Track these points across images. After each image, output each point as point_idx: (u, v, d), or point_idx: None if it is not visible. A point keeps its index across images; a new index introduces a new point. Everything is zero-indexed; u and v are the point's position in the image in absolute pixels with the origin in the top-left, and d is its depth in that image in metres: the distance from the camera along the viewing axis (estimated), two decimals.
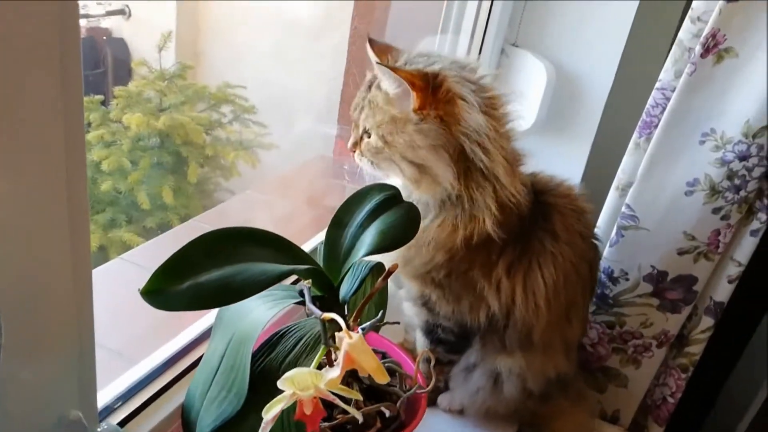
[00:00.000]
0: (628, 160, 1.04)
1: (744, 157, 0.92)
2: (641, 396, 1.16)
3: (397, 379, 0.66)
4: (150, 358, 0.71)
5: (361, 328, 0.53)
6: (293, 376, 0.44)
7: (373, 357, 0.46)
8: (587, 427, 1.05)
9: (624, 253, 1.05)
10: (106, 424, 0.60)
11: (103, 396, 0.63)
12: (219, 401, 0.54)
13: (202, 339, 0.76)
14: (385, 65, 0.70)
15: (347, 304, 0.61)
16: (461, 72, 0.73)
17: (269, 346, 0.57)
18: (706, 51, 0.89)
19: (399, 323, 0.71)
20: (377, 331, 0.74)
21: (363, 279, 0.62)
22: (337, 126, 1.74)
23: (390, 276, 0.54)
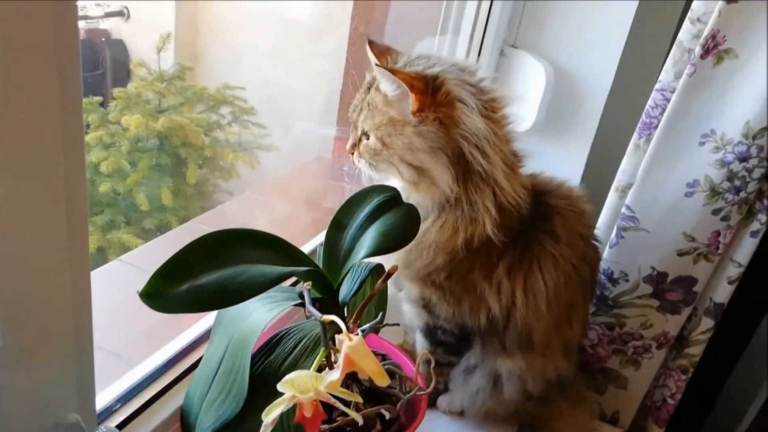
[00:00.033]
0: (627, 161, 1.04)
1: (744, 159, 0.92)
2: (641, 397, 1.16)
3: (397, 380, 0.66)
4: (149, 360, 0.71)
5: (360, 330, 0.53)
6: (293, 378, 0.44)
7: (374, 360, 0.45)
8: (587, 429, 1.05)
9: (624, 254, 1.05)
10: (104, 427, 0.60)
11: (101, 398, 0.63)
12: (218, 403, 0.54)
13: (201, 341, 0.76)
14: (384, 67, 0.70)
15: (347, 305, 0.61)
16: (461, 74, 0.73)
17: (269, 348, 0.57)
18: (706, 52, 0.89)
19: (399, 325, 0.70)
20: (377, 333, 0.74)
21: (363, 281, 0.62)
22: (336, 127, 1.74)
23: (390, 278, 0.53)
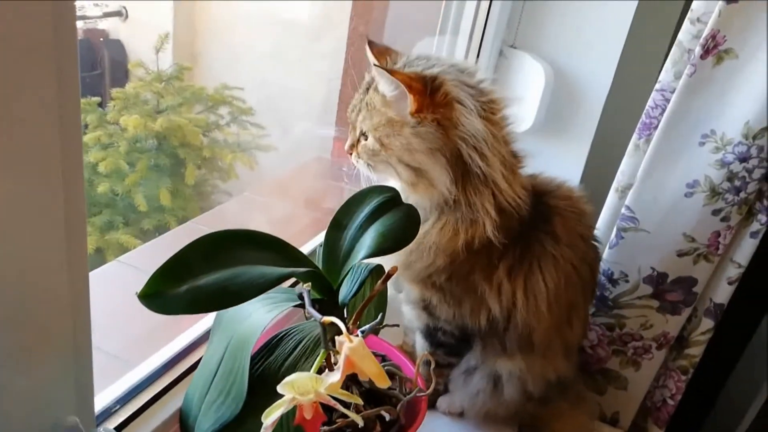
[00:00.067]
0: (627, 162, 1.03)
1: (744, 159, 0.92)
2: (641, 398, 1.16)
3: (397, 382, 0.65)
4: (148, 361, 0.71)
5: (360, 331, 0.53)
6: (293, 380, 0.44)
7: (374, 361, 0.45)
8: (587, 429, 1.05)
9: (624, 254, 1.04)
10: (103, 429, 0.60)
11: (100, 400, 0.62)
12: (217, 405, 0.54)
13: (200, 342, 0.76)
14: (383, 67, 0.69)
15: (347, 306, 0.61)
16: (460, 75, 0.72)
17: (268, 349, 0.57)
18: (706, 52, 0.89)
19: (398, 326, 0.70)
20: (377, 334, 0.74)
21: (362, 281, 0.61)
22: (335, 127, 1.74)
23: (389, 278, 0.53)
